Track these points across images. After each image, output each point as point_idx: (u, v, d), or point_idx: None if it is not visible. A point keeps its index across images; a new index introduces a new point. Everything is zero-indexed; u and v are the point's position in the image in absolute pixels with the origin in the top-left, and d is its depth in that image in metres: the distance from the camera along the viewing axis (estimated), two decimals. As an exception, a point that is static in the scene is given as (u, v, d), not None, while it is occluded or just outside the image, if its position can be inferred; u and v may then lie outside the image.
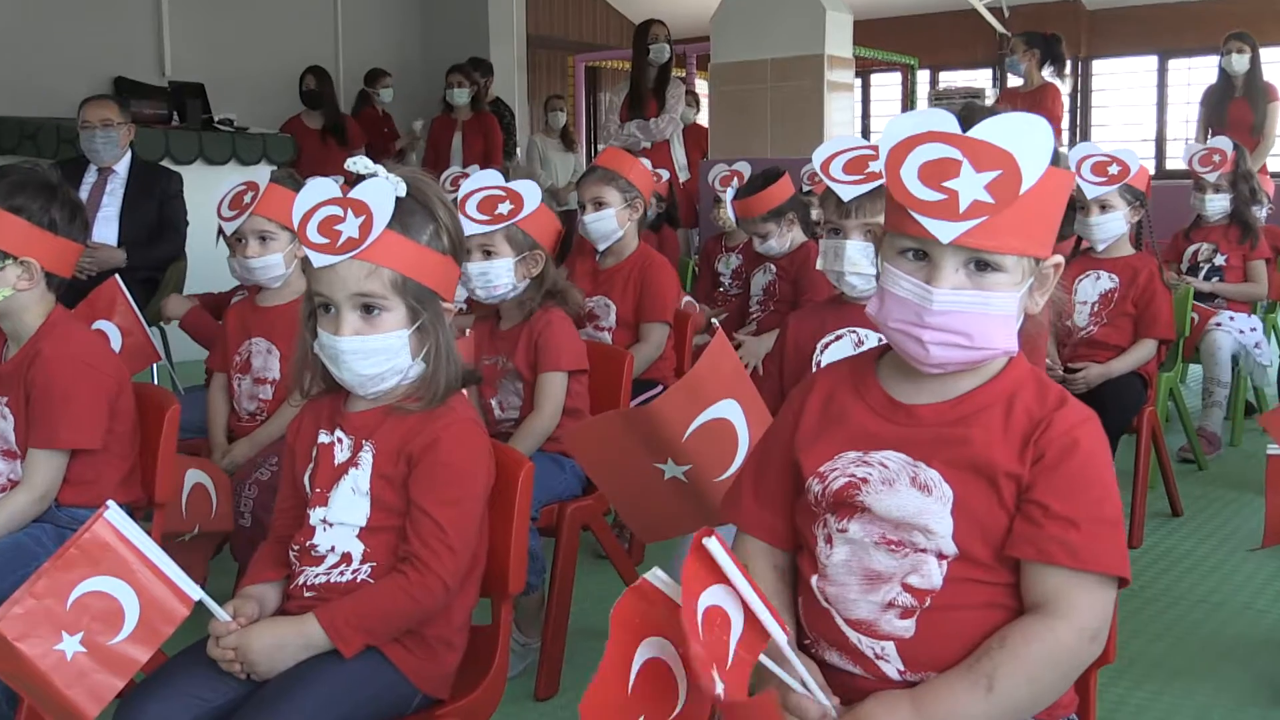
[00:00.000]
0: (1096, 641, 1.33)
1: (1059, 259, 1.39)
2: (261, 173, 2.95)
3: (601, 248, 3.55)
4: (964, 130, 1.30)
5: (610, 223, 3.49)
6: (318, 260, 1.65)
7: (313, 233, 1.65)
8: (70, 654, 1.47)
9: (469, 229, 2.68)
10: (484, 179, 2.74)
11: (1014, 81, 7.04)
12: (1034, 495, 1.32)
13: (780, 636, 1.26)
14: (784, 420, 1.52)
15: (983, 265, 1.32)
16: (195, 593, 1.54)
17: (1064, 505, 1.31)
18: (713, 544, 1.21)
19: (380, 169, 1.67)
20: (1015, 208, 1.28)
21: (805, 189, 4.63)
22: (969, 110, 1.32)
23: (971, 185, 1.28)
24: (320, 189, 1.67)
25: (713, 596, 1.23)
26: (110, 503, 1.50)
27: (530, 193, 2.72)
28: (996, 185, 1.28)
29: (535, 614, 2.66)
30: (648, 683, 1.22)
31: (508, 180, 2.73)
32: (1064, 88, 6.93)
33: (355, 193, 1.65)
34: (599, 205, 3.48)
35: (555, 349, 2.70)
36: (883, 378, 1.45)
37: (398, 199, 1.65)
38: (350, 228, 1.63)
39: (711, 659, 1.18)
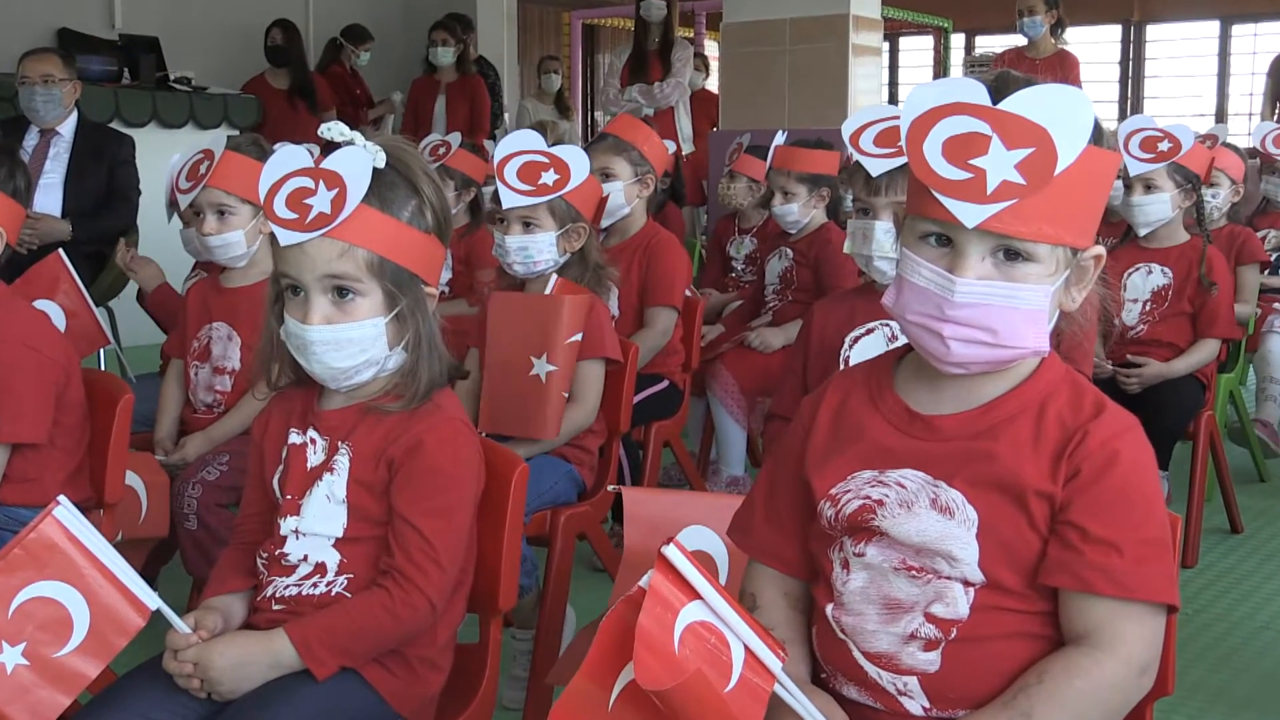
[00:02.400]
0: (1146, 675, 1.33)
1: (1100, 250, 1.37)
2: (222, 138, 2.93)
3: (605, 224, 3.54)
4: (995, 102, 1.28)
5: (617, 197, 3.46)
6: (285, 238, 1.63)
7: (280, 207, 1.63)
8: (10, 667, 1.47)
9: (510, 200, 2.70)
10: (522, 141, 2.77)
11: (1018, 42, 6.94)
12: (1070, 517, 1.32)
13: (771, 659, 1.26)
14: (795, 435, 1.51)
15: (1012, 254, 1.31)
16: (153, 601, 1.54)
17: (1104, 528, 1.30)
18: (674, 554, 1.21)
19: (357, 136, 1.66)
20: (1050, 190, 1.27)
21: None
22: (1001, 80, 1.31)
23: (1001, 164, 1.27)
24: (290, 158, 1.67)
25: (698, 612, 1.22)
26: (61, 499, 1.50)
27: (578, 161, 2.74)
28: (1028, 164, 1.26)
29: (531, 610, 2.67)
30: (636, 700, 1.21)
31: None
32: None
33: (328, 162, 1.64)
34: (607, 176, 3.44)
35: (599, 334, 2.72)
36: (901, 382, 1.44)
37: (376, 170, 1.64)
38: (322, 201, 1.62)
39: (668, 670, 1.17)
